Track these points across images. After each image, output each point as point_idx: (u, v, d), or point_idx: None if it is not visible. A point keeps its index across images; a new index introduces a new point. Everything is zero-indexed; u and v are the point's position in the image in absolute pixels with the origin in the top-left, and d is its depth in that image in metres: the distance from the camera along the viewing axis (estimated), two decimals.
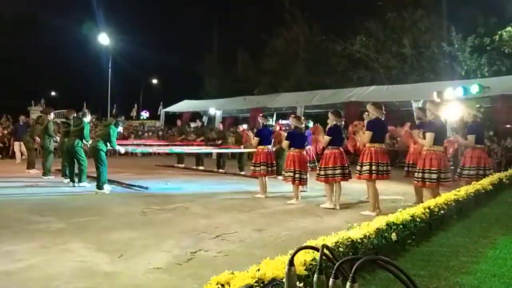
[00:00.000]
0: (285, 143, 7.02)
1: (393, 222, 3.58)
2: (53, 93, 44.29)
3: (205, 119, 25.81)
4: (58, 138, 9.43)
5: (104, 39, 25.95)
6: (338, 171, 6.30)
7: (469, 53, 20.24)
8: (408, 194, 7.25)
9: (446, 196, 5.11)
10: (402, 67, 24.23)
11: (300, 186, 7.04)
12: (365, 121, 6.77)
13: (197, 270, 3.37)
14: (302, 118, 7.60)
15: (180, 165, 13.22)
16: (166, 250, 3.90)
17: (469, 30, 20.20)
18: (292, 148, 6.87)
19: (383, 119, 6.05)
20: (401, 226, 3.61)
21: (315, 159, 8.20)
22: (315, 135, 7.67)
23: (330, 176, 6.32)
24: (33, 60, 38.40)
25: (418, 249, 3.64)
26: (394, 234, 3.39)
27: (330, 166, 6.31)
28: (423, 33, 22.91)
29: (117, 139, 7.76)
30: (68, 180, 8.35)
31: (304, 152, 7.08)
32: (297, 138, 6.92)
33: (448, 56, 21.23)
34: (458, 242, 3.96)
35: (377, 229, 3.30)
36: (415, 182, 5.79)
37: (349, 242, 2.88)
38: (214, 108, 23.89)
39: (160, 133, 20.48)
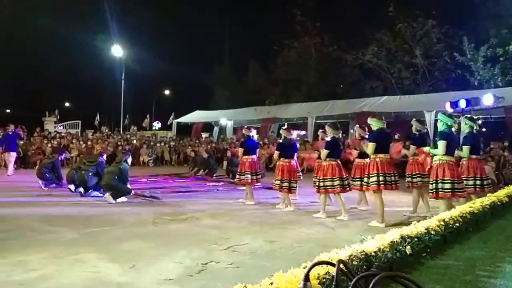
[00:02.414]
0: (276, 154, 7.40)
1: (407, 235, 3.53)
2: (67, 104, 44.96)
3: (216, 129, 25.95)
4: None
5: (117, 51, 26.36)
6: (337, 183, 6.35)
7: (482, 63, 20.08)
8: (421, 206, 7.14)
9: (461, 209, 5.03)
10: (414, 77, 24.12)
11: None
12: (355, 134, 7.28)
13: (208, 282, 3.34)
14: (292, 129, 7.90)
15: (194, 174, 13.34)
16: (178, 261, 3.89)
17: (481, 40, 20.08)
18: (282, 158, 7.25)
19: (384, 127, 6.11)
20: (415, 239, 3.56)
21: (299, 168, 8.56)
22: (315, 149, 7.93)
23: (329, 187, 6.39)
24: (47, 72, 39.07)
25: (433, 263, 3.57)
26: (408, 247, 3.34)
27: (329, 177, 6.37)
28: (434, 43, 22.83)
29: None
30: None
31: (293, 162, 7.37)
32: (287, 149, 7.30)
33: (461, 66, 21.08)
34: (474, 255, 3.88)
35: (391, 242, 3.26)
36: (430, 194, 5.66)
37: (363, 256, 2.84)
38: (225, 119, 23.99)
39: (172, 143, 20.55)
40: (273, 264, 3.70)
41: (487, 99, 11.62)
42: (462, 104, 11.39)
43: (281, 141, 7.69)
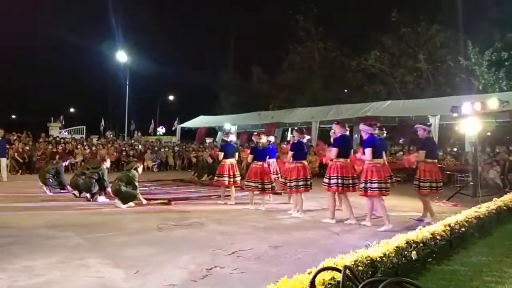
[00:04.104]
0: (249, 157, 7.88)
1: (413, 240, 3.51)
2: (72, 110, 45.20)
3: (220, 134, 25.98)
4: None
5: (122, 56, 26.49)
6: (301, 183, 6.88)
7: (487, 67, 19.99)
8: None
9: (467, 213, 5.00)
10: (418, 82, 24.06)
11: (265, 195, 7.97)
12: (331, 139, 7.46)
13: (213, 287, 3.34)
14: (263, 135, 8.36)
15: (197, 179, 13.32)
16: (182, 266, 3.89)
17: (486, 44, 19.99)
18: (255, 161, 7.75)
19: (346, 134, 6.70)
20: (421, 244, 3.54)
21: (277, 171, 9.03)
22: (282, 152, 8.71)
23: (294, 187, 6.93)
24: (52, 77, 39.39)
25: (439, 268, 3.55)
26: (414, 252, 3.32)
27: (294, 178, 6.92)
28: (438, 48, 22.78)
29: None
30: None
31: (266, 165, 7.85)
32: (259, 153, 7.80)
33: (465, 70, 20.99)
34: (481, 261, 3.85)
35: (396, 247, 3.24)
36: (360, 192, 6.17)
37: (368, 261, 2.82)
38: (229, 124, 24.01)
39: (176, 148, 20.58)
40: (278, 270, 3.69)
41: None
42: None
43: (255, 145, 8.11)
